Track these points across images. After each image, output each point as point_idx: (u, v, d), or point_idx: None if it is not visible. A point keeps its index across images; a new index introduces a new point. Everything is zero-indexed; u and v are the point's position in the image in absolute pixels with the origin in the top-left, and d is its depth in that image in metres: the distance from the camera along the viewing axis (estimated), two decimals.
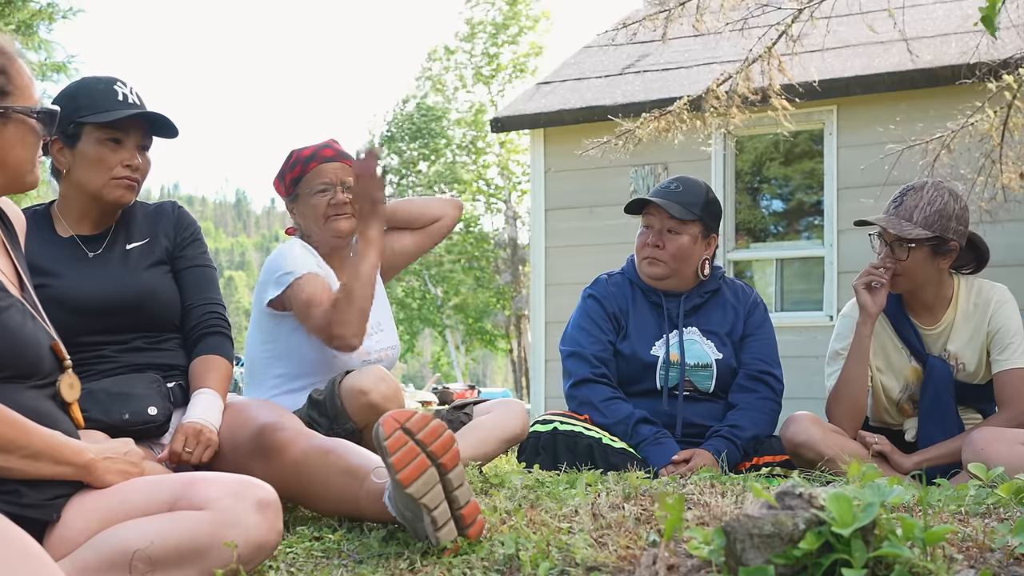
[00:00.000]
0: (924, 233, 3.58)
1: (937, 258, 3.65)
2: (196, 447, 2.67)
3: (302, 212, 3.55)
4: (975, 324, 3.70)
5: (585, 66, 9.77)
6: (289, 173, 3.56)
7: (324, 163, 3.51)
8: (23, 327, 2.17)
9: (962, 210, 3.66)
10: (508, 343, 29.09)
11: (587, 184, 8.69)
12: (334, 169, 3.51)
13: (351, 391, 3.09)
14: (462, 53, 28.88)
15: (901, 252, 3.63)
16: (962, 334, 3.70)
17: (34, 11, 15.11)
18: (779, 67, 6.42)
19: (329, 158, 3.52)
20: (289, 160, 3.58)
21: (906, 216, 3.62)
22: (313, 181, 3.50)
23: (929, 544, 1.76)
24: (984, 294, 3.72)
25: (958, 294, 3.73)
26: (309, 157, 3.53)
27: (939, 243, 3.62)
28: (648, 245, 3.91)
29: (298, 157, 3.55)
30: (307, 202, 3.52)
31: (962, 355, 3.70)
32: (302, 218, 3.56)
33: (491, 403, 3.56)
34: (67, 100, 2.84)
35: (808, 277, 8.46)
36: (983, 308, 3.70)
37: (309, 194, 3.51)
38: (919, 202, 3.62)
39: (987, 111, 6.14)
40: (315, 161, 3.51)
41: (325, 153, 3.53)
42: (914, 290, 3.69)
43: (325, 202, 3.49)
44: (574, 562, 2.00)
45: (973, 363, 3.70)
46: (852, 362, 3.67)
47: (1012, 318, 3.67)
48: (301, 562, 2.27)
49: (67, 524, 2.14)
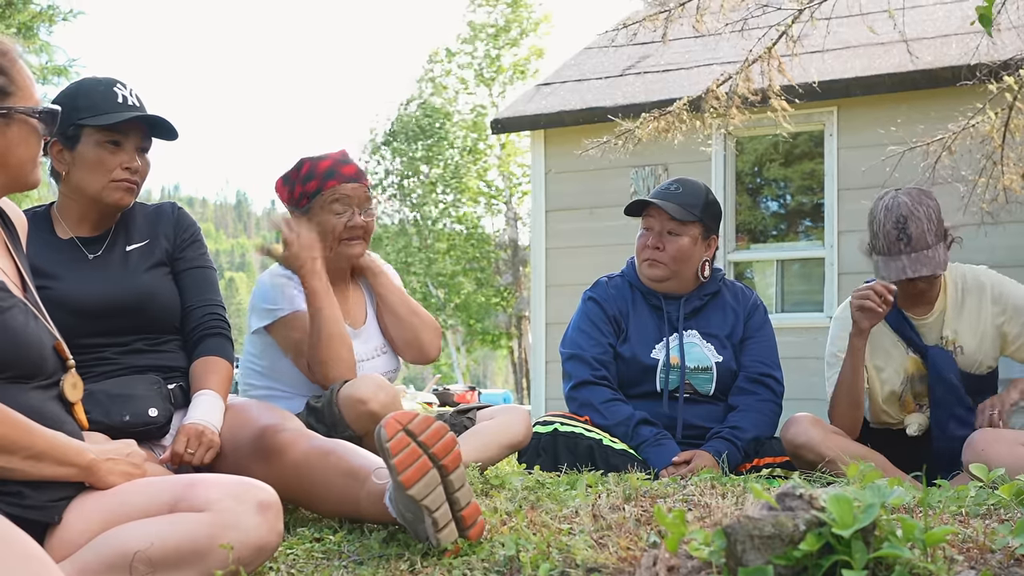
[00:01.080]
0: (943, 252, 3.64)
1: (948, 254, 3.71)
2: (198, 448, 2.67)
3: (313, 226, 3.38)
4: (973, 307, 3.72)
5: (585, 67, 9.77)
6: (302, 185, 3.42)
7: (344, 183, 3.40)
8: (26, 327, 2.17)
9: (938, 206, 3.69)
10: (508, 344, 29.09)
11: (587, 185, 8.69)
12: (353, 189, 3.41)
13: (349, 400, 3.06)
14: (464, 55, 28.88)
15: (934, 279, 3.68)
16: (959, 319, 3.72)
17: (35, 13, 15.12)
18: (779, 68, 6.42)
19: (349, 177, 3.41)
20: (301, 170, 3.44)
21: (923, 246, 3.61)
22: (330, 200, 3.39)
23: (929, 545, 1.76)
24: (972, 278, 3.76)
25: (945, 281, 3.76)
26: (328, 173, 3.39)
27: (949, 244, 3.70)
28: (648, 247, 3.91)
29: (314, 170, 3.41)
30: (320, 219, 3.39)
31: (960, 339, 3.72)
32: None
33: (495, 409, 3.51)
34: (67, 101, 2.84)
35: (808, 278, 8.46)
36: (978, 292, 3.73)
37: (324, 212, 3.39)
38: (921, 226, 3.61)
39: (988, 112, 6.14)
40: (334, 180, 3.39)
41: (345, 171, 3.41)
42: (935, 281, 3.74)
43: (342, 224, 3.40)
44: (574, 563, 2.00)
45: (973, 345, 3.71)
46: (847, 371, 3.68)
47: (1016, 293, 3.72)
48: (302, 563, 2.27)
49: (68, 526, 2.14)
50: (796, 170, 8.72)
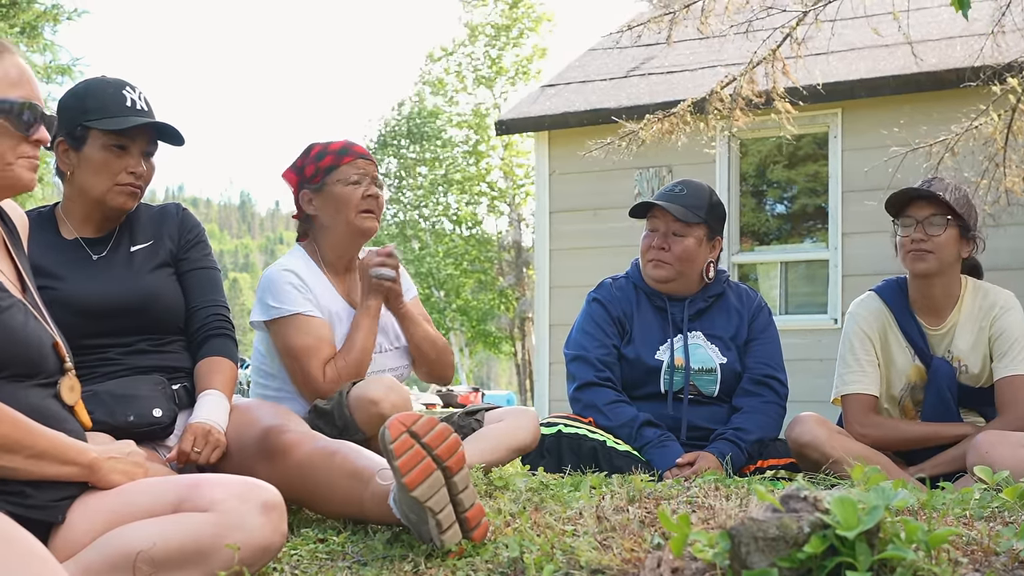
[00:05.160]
0: (959, 209, 3.63)
1: (961, 243, 3.69)
2: (204, 447, 2.67)
3: (327, 202, 3.45)
4: (978, 327, 3.70)
5: (590, 69, 9.77)
6: (315, 163, 3.48)
7: (358, 158, 3.49)
8: (24, 326, 2.17)
9: (976, 208, 3.73)
10: (512, 346, 29.07)
11: (591, 187, 8.69)
12: (366, 164, 3.50)
13: (361, 401, 3.05)
14: (461, 56, 28.84)
15: (936, 228, 3.64)
16: (966, 336, 3.71)
17: (39, 13, 15.14)
18: (783, 70, 6.43)
19: (362, 155, 3.51)
20: (312, 152, 3.52)
21: (940, 188, 3.67)
22: (349, 172, 3.45)
23: (933, 547, 1.76)
24: (990, 298, 3.73)
25: (964, 295, 3.74)
26: (342, 150, 3.49)
27: (965, 227, 3.67)
28: (653, 248, 3.92)
29: (327, 148, 3.50)
30: (338, 191, 3.44)
31: (965, 357, 3.70)
32: (325, 208, 3.46)
33: (503, 411, 3.50)
34: (75, 101, 2.84)
35: (812, 280, 8.46)
36: (987, 311, 3.71)
37: (342, 183, 3.44)
38: (946, 187, 3.67)
39: (991, 114, 6.15)
40: (349, 155, 3.47)
41: (357, 149, 3.51)
42: (938, 274, 3.69)
43: (360, 194, 3.44)
44: (578, 565, 2.00)
45: (977, 366, 3.70)
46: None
47: (1014, 324, 3.68)
48: (305, 564, 2.27)
49: (72, 526, 2.14)
50: (800, 172, 8.72)
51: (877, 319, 3.78)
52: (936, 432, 3.65)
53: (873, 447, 3.62)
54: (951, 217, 3.63)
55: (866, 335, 3.77)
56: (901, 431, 3.71)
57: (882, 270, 5.34)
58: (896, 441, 3.70)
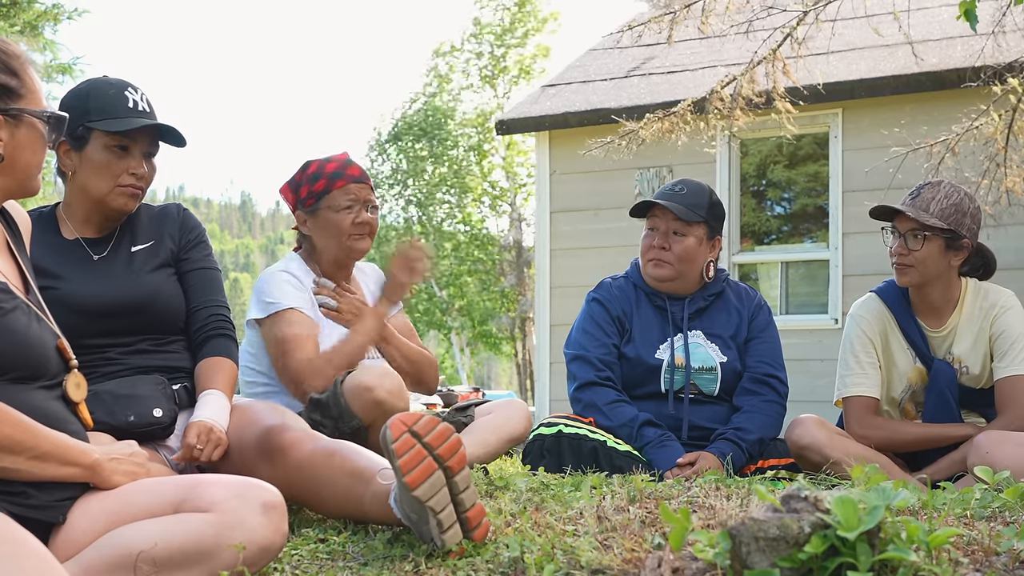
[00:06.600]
0: (940, 223, 3.60)
1: (949, 253, 3.66)
2: (207, 445, 2.68)
3: (320, 226, 3.55)
4: (978, 327, 3.70)
5: (590, 69, 9.77)
6: (309, 186, 3.55)
7: (352, 183, 3.53)
8: (28, 329, 2.17)
9: (976, 210, 3.70)
10: (513, 346, 29.06)
11: (592, 187, 8.69)
12: (359, 189, 3.54)
13: (356, 388, 3.10)
14: (468, 52, 28.83)
15: (915, 243, 3.63)
16: (966, 337, 3.70)
17: (39, 12, 15.12)
18: (784, 70, 6.43)
19: (355, 178, 3.54)
20: (308, 171, 3.57)
21: (923, 207, 3.64)
22: (340, 198, 3.51)
23: (934, 547, 1.76)
24: (990, 298, 3.72)
25: (965, 297, 3.73)
26: (336, 174, 3.53)
27: (953, 237, 3.64)
28: (653, 247, 3.91)
29: (321, 171, 3.55)
30: (329, 217, 3.52)
31: (966, 359, 3.70)
32: (318, 232, 3.56)
33: (493, 403, 3.59)
34: (77, 101, 2.84)
35: (813, 280, 8.46)
36: (987, 311, 3.70)
37: (333, 210, 3.51)
38: (936, 195, 3.65)
39: (992, 114, 6.15)
40: (343, 180, 3.52)
41: (351, 172, 3.54)
42: (923, 284, 3.68)
43: (350, 220, 3.51)
44: (579, 565, 2.00)
45: (977, 366, 3.70)
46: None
47: (1014, 324, 3.67)
48: (306, 564, 2.27)
49: (72, 526, 2.14)
50: (800, 172, 8.72)
51: (878, 321, 3.77)
52: (937, 433, 3.65)
53: (874, 449, 3.62)
54: (930, 233, 3.62)
55: (867, 337, 3.77)
56: (902, 433, 3.71)
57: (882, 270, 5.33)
58: (897, 443, 3.70)
